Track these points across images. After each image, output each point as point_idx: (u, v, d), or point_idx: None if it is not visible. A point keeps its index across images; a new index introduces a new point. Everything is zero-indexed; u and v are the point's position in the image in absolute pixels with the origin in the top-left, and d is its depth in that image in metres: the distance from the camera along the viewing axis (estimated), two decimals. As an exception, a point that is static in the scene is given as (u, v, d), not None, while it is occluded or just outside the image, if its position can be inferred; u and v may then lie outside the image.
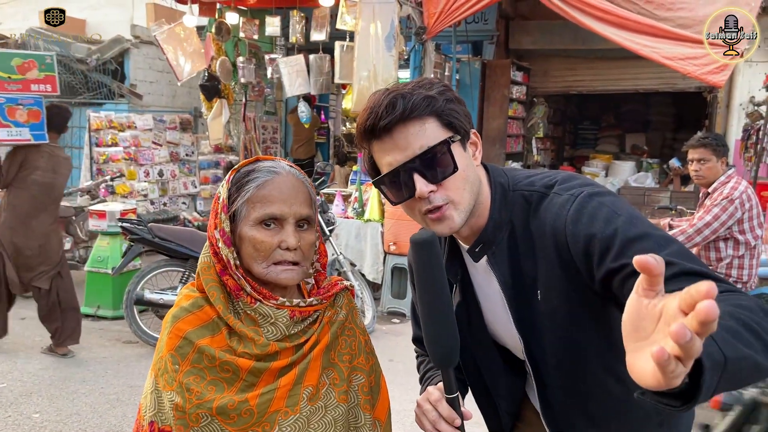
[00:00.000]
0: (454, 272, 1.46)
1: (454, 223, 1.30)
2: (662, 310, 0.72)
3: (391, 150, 1.27)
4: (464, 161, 1.29)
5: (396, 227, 6.35)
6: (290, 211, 1.27)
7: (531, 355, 1.40)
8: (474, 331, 1.50)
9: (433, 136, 1.26)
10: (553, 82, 10.42)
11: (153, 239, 5.25)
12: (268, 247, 1.26)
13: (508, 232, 1.35)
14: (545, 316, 1.33)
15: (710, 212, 3.80)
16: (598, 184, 1.34)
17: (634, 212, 1.23)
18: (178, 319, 1.30)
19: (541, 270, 1.31)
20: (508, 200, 1.35)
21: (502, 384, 1.53)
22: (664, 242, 1.15)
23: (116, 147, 8.95)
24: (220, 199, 1.29)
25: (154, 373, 1.31)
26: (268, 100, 10.34)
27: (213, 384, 1.26)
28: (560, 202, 1.27)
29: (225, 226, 1.28)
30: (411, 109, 1.24)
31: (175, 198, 9.70)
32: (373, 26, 6.48)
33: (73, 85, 10.73)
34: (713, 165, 3.90)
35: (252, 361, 1.26)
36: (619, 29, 6.13)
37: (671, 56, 5.95)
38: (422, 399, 1.37)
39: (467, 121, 1.32)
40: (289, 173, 1.31)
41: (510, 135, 9.84)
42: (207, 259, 1.32)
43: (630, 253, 1.12)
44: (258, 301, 1.28)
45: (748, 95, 8.00)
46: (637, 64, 8.82)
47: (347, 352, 1.38)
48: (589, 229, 1.20)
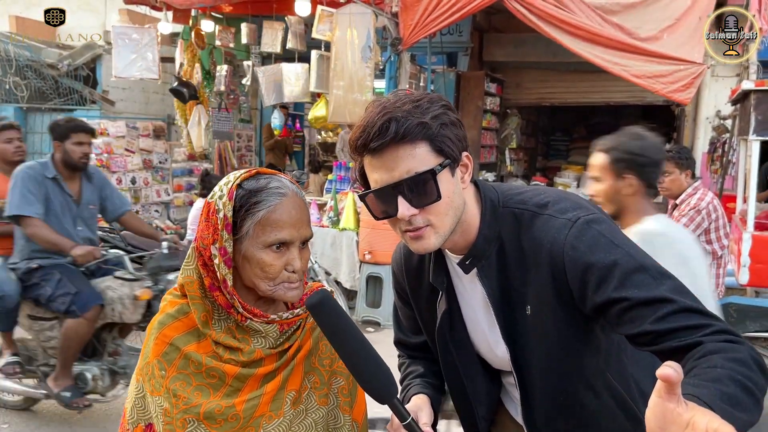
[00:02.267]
0: (440, 280, 1.49)
1: (430, 245, 1.33)
2: (690, 422, 0.81)
3: (379, 168, 1.29)
4: (450, 188, 1.31)
5: (371, 236, 6.37)
6: (298, 234, 1.29)
7: (516, 364, 1.44)
8: (456, 337, 1.54)
9: (422, 162, 1.27)
10: (526, 94, 10.58)
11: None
12: (276, 270, 1.28)
13: (497, 247, 1.39)
14: (532, 329, 1.38)
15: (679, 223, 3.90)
16: (588, 204, 1.39)
17: (629, 242, 1.29)
18: (164, 326, 1.31)
19: (533, 286, 1.36)
20: (498, 216, 1.39)
21: (480, 390, 1.57)
22: (660, 276, 1.22)
23: (88, 154, 8.82)
24: (220, 214, 1.27)
25: (140, 377, 1.32)
26: (243, 108, 10.32)
27: (199, 389, 1.28)
28: (557, 226, 1.31)
29: (227, 245, 1.27)
30: (404, 134, 1.25)
31: (148, 206, 9.60)
32: (350, 36, 6.53)
33: (44, 91, 10.56)
34: (676, 177, 4.02)
35: (238, 368, 1.29)
36: (591, 44, 6.28)
37: (639, 74, 6.11)
38: (388, 426, 1.41)
39: (460, 146, 1.33)
40: (294, 194, 1.32)
41: (484, 146, 9.96)
42: (191, 272, 1.31)
43: (629, 284, 1.20)
44: (248, 319, 1.30)
45: (714, 109, 8.19)
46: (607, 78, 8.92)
47: (327, 356, 1.41)
48: (588, 257, 1.26)
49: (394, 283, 1.69)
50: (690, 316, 1.16)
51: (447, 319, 1.52)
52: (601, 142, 2.38)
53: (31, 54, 10.42)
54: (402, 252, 1.62)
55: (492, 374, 1.59)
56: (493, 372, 1.58)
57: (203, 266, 1.29)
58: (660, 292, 1.19)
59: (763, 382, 1.06)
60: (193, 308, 1.30)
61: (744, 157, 5.42)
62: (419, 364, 1.67)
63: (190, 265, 1.31)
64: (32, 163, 3.87)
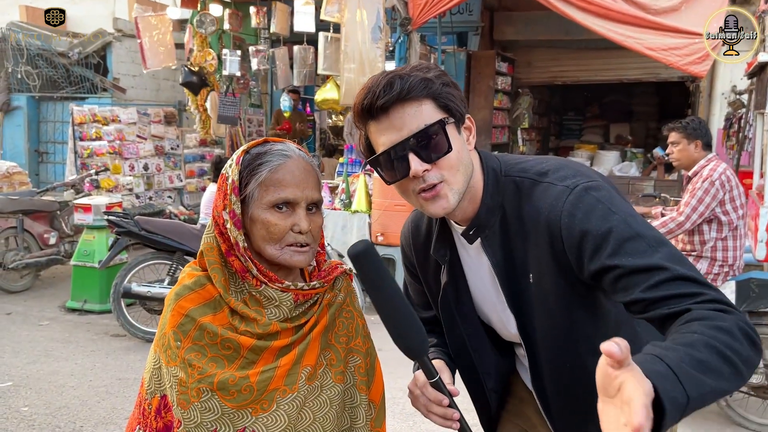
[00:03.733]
0: (442, 253, 1.50)
1: (449, 203, 1.32)
2: (621, 387, 0.82)
3: (387, 130, 1.30)
4: (458, 143, 1.32)
5: (383, 218, 6.36)
6: (303, 195, 1.29)
7: (524, 333, 1.44)
8: (462, 308, 1.54)
9: (429, 117, 1.29)
10: (538, 73, 10.48)
11: (140, 232, 5.22)
12: (281, 230, 1.28)
13: (500, 216, 1.38)
14: (536, 297, 1.37)
15: (694, 196, 3.87)
16: (589, 172, 1.37)
17: (628, 209, 1.27)
18: (180, 297, 1.32)
19: (532, 255, 1.35)
20: (500, 185, 1.38)
21: (488, 362, 1.57)
22: (656, 243, 1.20)
23: (100, 141, 8.88)
24: (229, 180, 1.30)
25: (157, 349, 1.33)
26: (254, 93, 10.29)
27: (214, 360, 1.28)
28: (555, 194, 1.30)
29: (236, 207, 1.29)
30: (408, 90, 1.27)
31: (161, 192, 9.65)
32: (359, 17, 6.47)
33: (55, 80, 10.60)
34: (684, 148, 3.99)
35: (253, 340, 1.29)
36: (603, 20, 6.18)
37: (654, 47, 6.01)
38: (411, 384, 1.43)
39: (463, 105, 1.35)
40: (299, 157, 1.34)
41: (495, 126, 9.89)
42: (211, 240, 1.33)
43: (623, 252, 1.18)
44: (263, 284, 1.30)
45: (729, 84, 8.07)
46: (620, 55, 8.87)
47: (344, 334, 1.41)
48: (584, 224, 1.24)
49: (402, 258, 1.69)
50: (682, 284, 1.14)
51: (452, 291, 1.52)
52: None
53: (42, 43, 10.44)
54: (410, 226, 1.62)
55: (502, 347, 1.58)
56: (503, 344, 1.58)
57: (219, 234, 1.31)
58: (654, 260, 1.17)
59: (748, 352, 1.03)
60: (213, 273, 1.31)
61: (761, 131, 5.33)
62: (433, 336, 1.66)
63: (210, 233, 1.34)
64: None
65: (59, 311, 6.05)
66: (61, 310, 6.08)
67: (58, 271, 7.23)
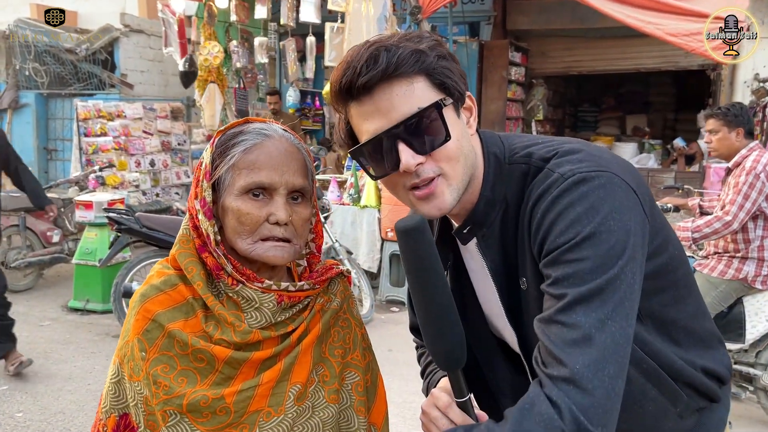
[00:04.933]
0: (444, 256, 1.27)
1: (445, 203, 1.11)
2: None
3: (372, 114, 1.07)
4: (458, 129, 1.10)
5: (394, 213, 6.17)
6: (281, 179, 1.10)
7: (524, 348, 1.24)
8: (470, 320, 1.32)
9: (423, 98, 1.06)
10: (552, 63, 10.21)
11: (140, 229, 5.07)
12: (254, 220, 1.09)
13: (501, 211, 1.16)
14: (528, 305, 1.17)
15: (740, 192, 3.51)
16: (606, 156, 1.13)
17: (611, 221, 1.02)
18: (146, 299, 1.13)
19: (521, 255, 1.14)
20: (504, 174, 1.16)
21: (503, 379, 1.35)
22: (599, 270, 1.00)
23: (105, 137, 8.74)
24: (203, 165, 1.13)
25: (118, 359, 1.14)
26: (261, 87, 10.12)
27: (184, 375, 1.09)
28: (549, 182, 1.08)
29: (206, 195, 1.11)
30: (396, 65, 1.04)
31: (168, 188, 9.51)
32: (365, 6, 6.28)
33: (63, 76, 10.51)
34: (724, 136, 3.66)
35: (230, 350, 1.10)
36: (621, 5, 5.94)
37: (675, 32, 5.74)
38: (428, 405, 1.19)
39: (462, 82, 1.12)
40: (282, 137, 1.14)
41: (509, 118, 9.65)
42: (186, 231, 1.16)
43: (556, 266, 1.02)
44: (240, 283, 1.12)
45: (752, 72, 7.78)
46: (637, 43, 8.62)
47: (340, 346, 1.22)
48: (551, 222, 1.04)
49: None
50: (566, 340, 0.98)
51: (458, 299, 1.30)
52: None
53: (50, 39, 10.35)
54: None
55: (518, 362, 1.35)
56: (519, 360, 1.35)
57: (194, 228, 1.14)
58: (577, 291, 0.99)
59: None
60: (190, 267, 1.13)
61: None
62: None
63: (185, 226, 1.17)
64: None
65: (61, 311, 5.91)
66: (63, 309, 5.95)
67: (62, 270, 7.10)
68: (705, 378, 1.21)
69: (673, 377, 1.17)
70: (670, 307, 1.18)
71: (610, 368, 0.97)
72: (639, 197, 1.07)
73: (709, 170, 6.88)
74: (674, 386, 1.17)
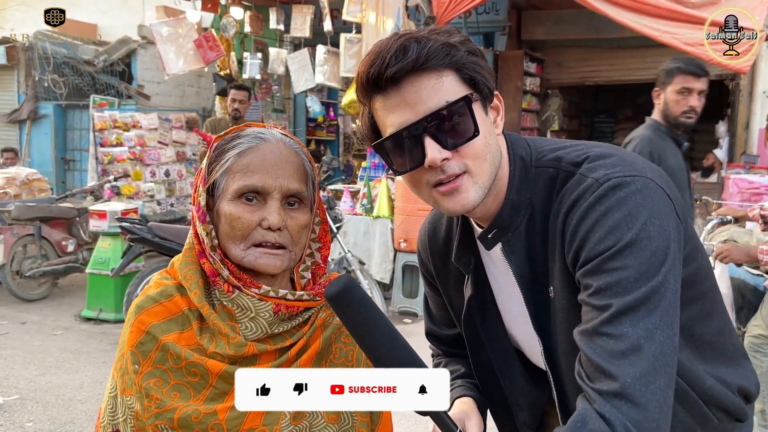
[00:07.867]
0: (466, 261, 1.25)
1: (469, 200, 1.07)
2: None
3: (398, 106, 1.04)
4: (486, 126, 1.08)
5: (406, 223, 6.13)
6: (275, 183, 1.07)
7: (550, 359, 1.19)
8: (489, 328, 1.28)
9: (451, 92, 1.04)
10: (568, 74, 10.16)
11: (153, 239, 5.07)
12: (245, 224, 1.07)
13: (527, 216, 1.13)
14: (557, 315, 1.13)
15: None
16: (638, 160, 1.10)
17: (650, 227, 0.99)
18: (141, 310, 1.10)
19: (555, 263, 1.10)
20: (530, 178, 1.13)
21: (520, 392, 1.31)
22: (642, 279, 0.97)
23: (121, 147, 8.81)
24: (202, 171, 1.13)
25: (116, 373, 1.12)
26: (276, 98, 10.16)
27: (177, 389, 1.06)
28: (583, 187, 1.05)
29: (201, 200, 1.10)
30: (427, 57, 1.02)
31: (183, 198, 9.55)
32: (379, 17, 6.29)
33: (81, 87, 10.63)
34: None
35: (224, 364, 1.06)
36: (637, 14, 5.90)
37: (692, 42, 5.69)
38: None
39: (491, 79, 1.10)
40: (279, 141, 1.12)
41: (524, 128, 9.61)
42: (190, 239, 1.15)
43: (597, 276, 1.00)
44: (236, 289, 1.09)
45: (772, 82, 7.69)
46: (654, 53, 8.53)
47: (341, 363, 1.18)
48: (588, 230, 1.01)
49: (420, 266, 1.44)
50: (613, 352, 0.95)
51: (478, 306, 1.27)
52: None
53: (68, 51, 10.49)
54: (427, 227, 1.37)
55: (537, 374, 1.31)
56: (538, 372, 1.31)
57: (195, 235, 1.13)
58: (622, 301, 0.96)
59: None
60: (189, 274, 1.11)
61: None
62: (459, 362, 1.41)
63: (190, 233, 1.16)
64: None
65: (74, 320, 5.92)
66: (76, 319, 5.96)
67: (76, 279, 7.13)
68: (736, 398, 1.17)
69: (705, 400, 1.13)
70: (697, 321, 1.14)
71: (661, 380, 0.94)
72: (673, 202, 1.05)
73: (728, 181, 6.77)
74: (704, 409, 1.13)
